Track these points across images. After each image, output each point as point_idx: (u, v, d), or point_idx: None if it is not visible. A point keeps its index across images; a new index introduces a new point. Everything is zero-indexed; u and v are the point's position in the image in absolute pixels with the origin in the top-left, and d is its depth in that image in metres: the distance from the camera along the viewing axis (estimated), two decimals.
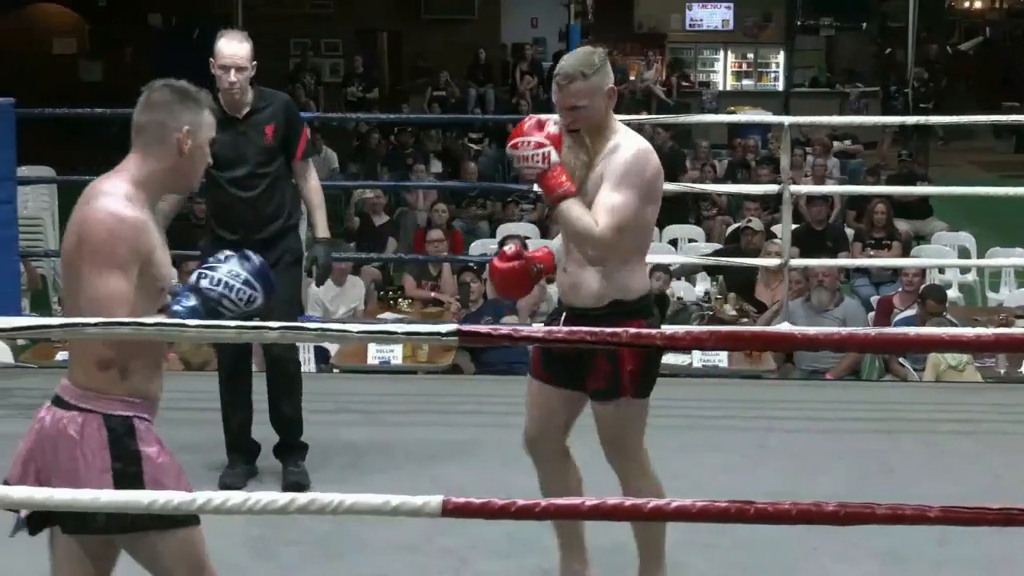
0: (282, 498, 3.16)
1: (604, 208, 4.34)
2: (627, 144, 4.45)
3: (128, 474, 3.43)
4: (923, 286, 9.96)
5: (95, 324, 3.19)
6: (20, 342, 8.39)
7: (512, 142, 4.40)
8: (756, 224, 11.93)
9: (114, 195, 3.44)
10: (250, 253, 3.66)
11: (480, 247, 12.73)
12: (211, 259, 3.62)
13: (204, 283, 3.52)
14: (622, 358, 4.43)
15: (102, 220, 3.38)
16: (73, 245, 3.42)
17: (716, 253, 12.04)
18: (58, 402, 3.51)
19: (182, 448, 6.46)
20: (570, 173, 4.43)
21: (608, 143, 4.45)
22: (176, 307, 3.49)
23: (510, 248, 4.71)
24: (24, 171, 9.52)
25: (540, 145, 4.34)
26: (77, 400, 3.46)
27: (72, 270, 3.43)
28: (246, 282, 3.55)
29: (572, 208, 4.35)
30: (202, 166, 3.63)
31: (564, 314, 4.60)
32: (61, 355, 8.27)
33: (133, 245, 3.39)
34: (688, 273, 11.81)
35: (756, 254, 10.94)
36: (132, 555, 3.61)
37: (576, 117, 4.44)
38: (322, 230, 6.12)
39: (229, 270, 3.55)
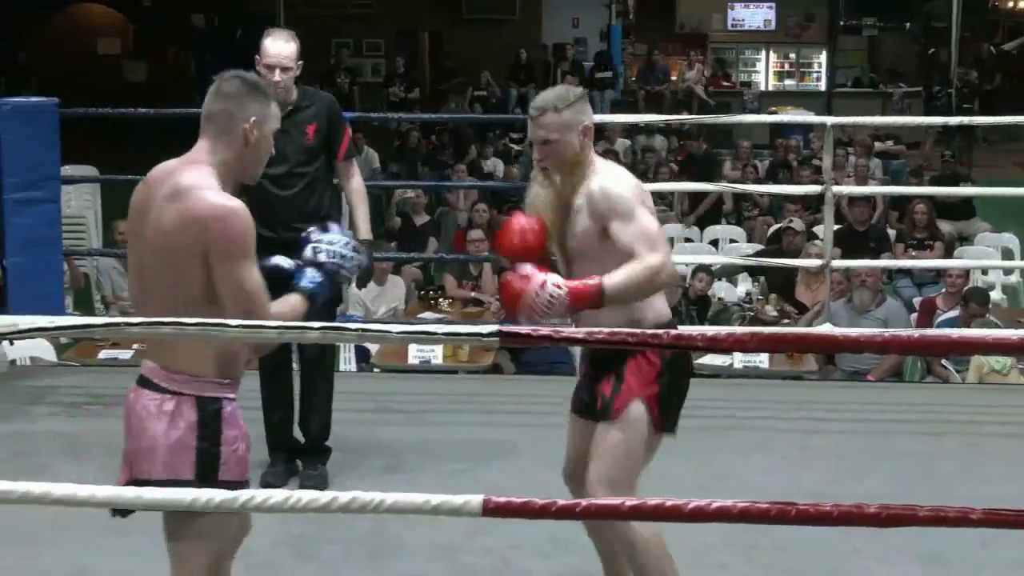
0: (323, 497, 3.16)
1: (635, 241, 4.19)
2: (603, 175, 4.33)
3: (209, 455, 3.56)
4: (966, 288, 9.90)
5: (137, 324, 3.21)
6: (63, 340, 8.44)
7: (519, 308, 4.16)
8: (797, 224, 11.89)
9: (210, 187, 3.54)
10: (328, 224, 3.99)
11: None
12: (303, 236, 3.92)
13: (322, 257, 3.83)
14: (626, 385, 4.30)
15: (222, 216, 3.49)
16: (184, 240, 3.50)
17: (758, 254, 12.01)
18: (146, 383, 3.61)
19: None
20: (543, 211, 4.39)
21: (586, 180, 4.33)
22: (309, 285, 3.79)
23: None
24: (68, 170, 9.58)
25: (541, 286, 4.13)
26: (169, 383, 3.57)
27: (181, 263, 3.51)
28: (352, 248, 3.91)
29: (614, 284, 4.13)
30: (266, 157, 3.78)
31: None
32: (104, 353, 8.32)
33: (252, 233, 3.54)
34: (730, 274, 11.77)
35: (797, 254, 10.91)
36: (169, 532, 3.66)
37: (548, 152, 4.37)
38: (364, 231, 6.07)
39: (331, 240, 3.87)
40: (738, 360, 8.59)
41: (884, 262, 11.07)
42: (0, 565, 5.09)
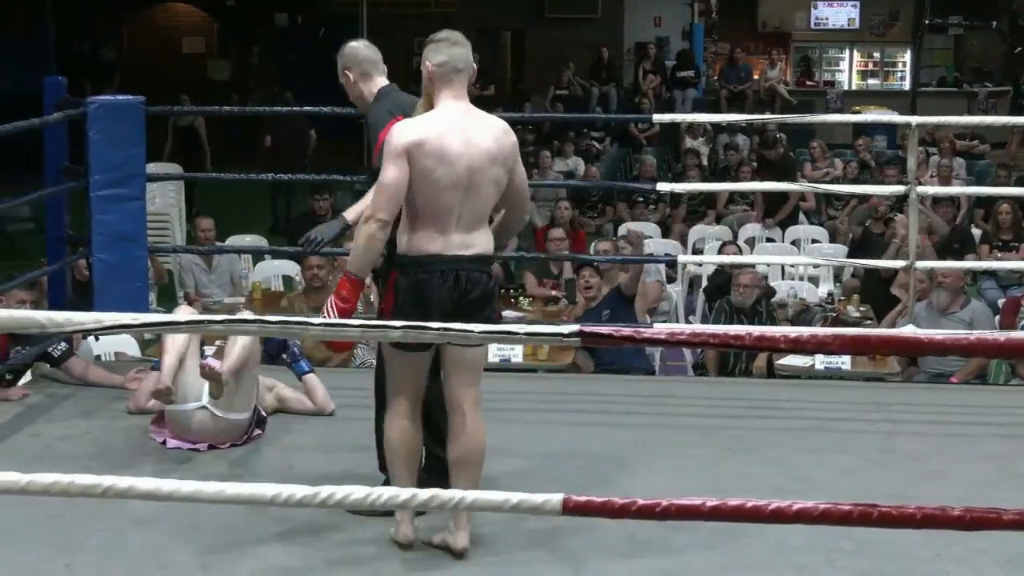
0: (404, 494, 3.18)
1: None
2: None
3: None
4: None
5: (221, 321, 3.24)
6: (147, 336, 8.52)
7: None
8: (884, 211, 11.65)
9: None
10: None
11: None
12: None
13: None
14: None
15: None
16: None
17: (850, 253, 11.89)
18: None
19: (338, 444, 6.52)
20: None
21: None
22: None
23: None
24: (152, 168, 9.68)
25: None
26: None
27: None
28: None
29: (351, 261, 4.78)
30: None
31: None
32: None
33: None
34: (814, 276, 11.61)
35: (889, 244, 10.82)
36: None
37: None
38: None
39: None
40: (820, 361, 8.54)
41: (968, 263, 10.96)
42: (87, 560, 5.14)
